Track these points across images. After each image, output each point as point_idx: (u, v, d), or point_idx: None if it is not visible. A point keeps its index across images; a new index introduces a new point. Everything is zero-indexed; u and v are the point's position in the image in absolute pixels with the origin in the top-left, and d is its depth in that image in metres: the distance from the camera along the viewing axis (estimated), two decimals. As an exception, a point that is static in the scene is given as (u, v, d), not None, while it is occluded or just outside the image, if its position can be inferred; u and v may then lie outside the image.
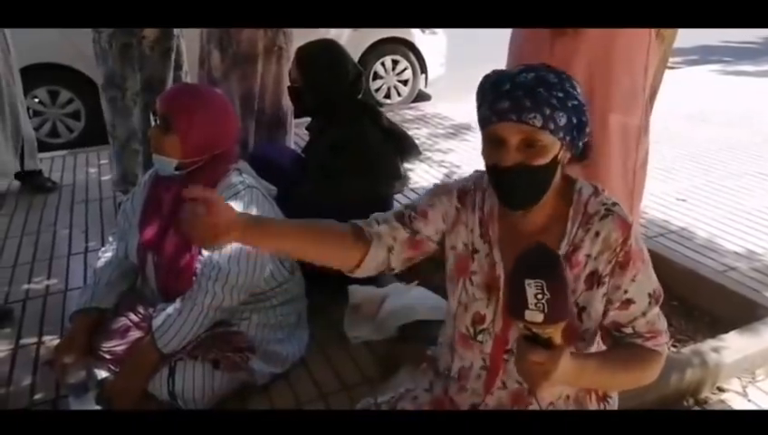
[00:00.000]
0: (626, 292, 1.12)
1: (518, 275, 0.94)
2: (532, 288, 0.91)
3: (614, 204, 1.13)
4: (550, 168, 1.07)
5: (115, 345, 1.78)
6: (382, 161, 2.29)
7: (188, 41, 3.04)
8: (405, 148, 2.38)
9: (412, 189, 3.66)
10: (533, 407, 1.19)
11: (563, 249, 1.13)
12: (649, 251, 2.65)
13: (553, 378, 0.96)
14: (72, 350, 1.75)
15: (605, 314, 1.14)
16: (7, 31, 3.32)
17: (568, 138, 1.07)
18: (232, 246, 1.71)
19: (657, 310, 1.15)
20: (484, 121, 1.08)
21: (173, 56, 2.86)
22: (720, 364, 1.95)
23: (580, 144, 1.11)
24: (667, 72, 6.46)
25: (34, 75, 4.45)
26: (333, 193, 2.21)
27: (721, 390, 1.98)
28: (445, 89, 6.40)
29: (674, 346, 2.16)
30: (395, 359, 1.90)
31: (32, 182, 3.68)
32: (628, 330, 1.15)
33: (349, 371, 2.02)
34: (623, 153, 1.81)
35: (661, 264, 2.53)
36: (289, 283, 1.98)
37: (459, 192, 1.25)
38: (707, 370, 1.93)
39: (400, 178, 2.42)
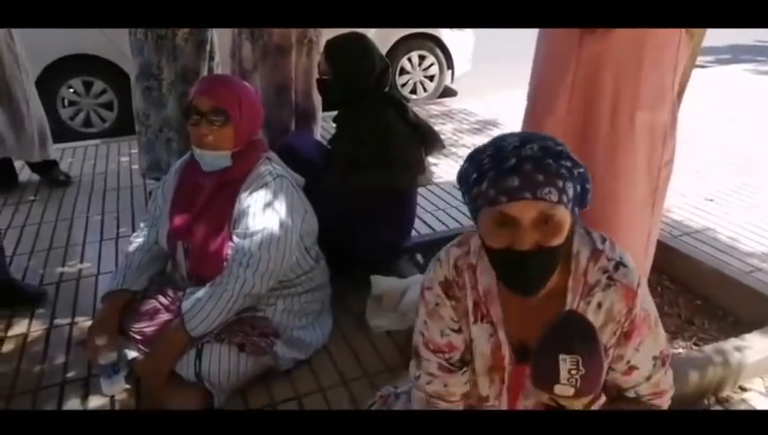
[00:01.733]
0: (629, 361, 1.08)
1: (551, 348, 0.90)
2: (566, 363, 0.88)
3: (617, 266, 1.04)
4: (563, 246, 0.98)
5: (144, 327, 1.84)
6: (407, 154, 2.31)
7: (220, 32, 3.09)
8: (430, 141, 2.40)
9: (437, 183, 3.68)
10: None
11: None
12: (675, 250, 2.66)
13: None
14: (103, 331, 1.80)
15: (605, 377, 1.10)
16: None
17: (575, 209, 0.99)
18: (262, 233, 1.75)
19: (663, 371, 1.11)
20: (488, 200, 0.95)
21: (207, 47, 2.91)
22: (742, 363, 1.94)
23: (578, 211, 1.02)
24: (699, 72, 6.31)
25: (70, 66, 4.58)
26: (358, 184, 2.24)
27: (743, 389, 1.97)
28: (471, 85, 6.39)
29: (696, 345, 2.15)
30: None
31: (46, 174, 3.66)
32: (631, 394, 1.12)
33: (370, 359, 2.05)
34: (649, 150, 1.80)
35: (686, 263, 2.53)
36: (314, 271, 2.02)
37: (443, 287, 1.14)
38: (729, 369, 1.92)
39: (424, 172, 2.44)
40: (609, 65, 1.74)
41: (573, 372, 0.88)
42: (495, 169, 0.93)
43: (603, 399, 1.16)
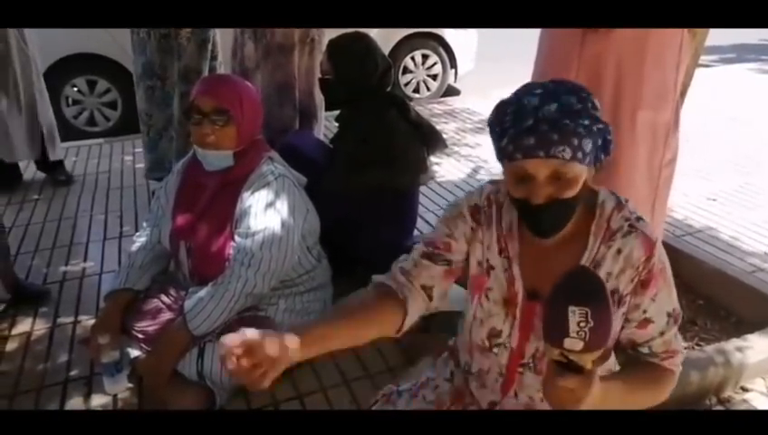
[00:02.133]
0: (645, 311, 1.10)
1: (561, 300, 0.91)
2: (575, 316, 0.89)
3: (638, 219, 1.10)
4: (579, 195, 1.05)
5: (147, 326, 1.84)
6: (409, 153, 2.31)
7: (222, 31, 3.09)
8: (432, 141, 2.40)
9: (439, 183, 3.68)
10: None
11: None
12: (677, 250, 2.65)
13: (582, 404, 0.94)
14: (105, 330, 1.81)
15: (621, 330, 1.12)
16: None
17: (595, 161, 1.05)
18: (264, 233, 1.76)
19: (675, 330, 1.13)
20: (506, 156, 1.03)
21: (210, 47, 2.92)
22: (744, 364, 1.94)
23: (604, 158, 1.08)
24: (704, 71, 6.28)
25: (74, 65, 4.59)
26: (360, 183, 2.24)
27: (744, 389, 1.97)
28: (474, 84, 6.39)
29: (698, 345, 2.15)
30: (417, 349, 1.93)
31: (50, 172, 3.71)
32: (644, 350, 1.13)
33: (372, 358, 2.06)
34: (650, 150, 1.80)
35: (688, 263, 2.53)
36: (316, 271, 2.02)
37: (471, 210, 1.21)
38: (731, 369, 1.92)
39: (426, 171, 2.45)
40: (610, 64, 1.74)
41: (582, 324, 0.89)
42: (515, 127, 1.00)
43: (612, 363, 1.17)
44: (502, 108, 1.05)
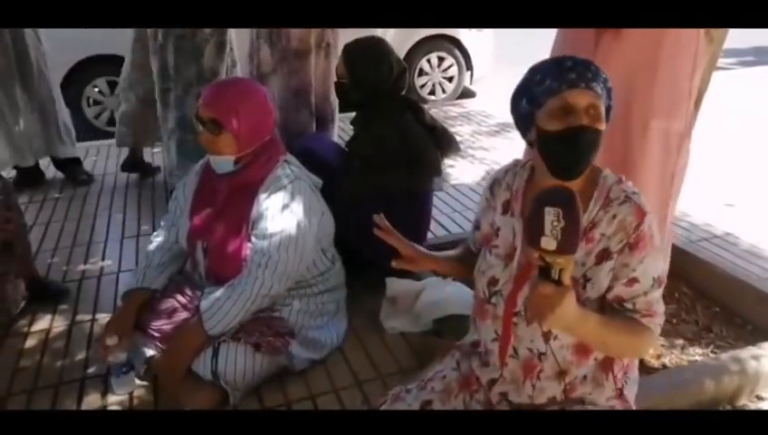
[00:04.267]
0: (633, 270, 1.22)
1: (538, 204, 1.04)
2: (550, 215, 1.01)
3: (634, 193, 1.25)
4: (602, 136, 1.20)
5: (163, 324, 1.87)
6: (423, 156, 2.33)
7: (238, 33, 3.13)
8: (445, 144, 2.41)
9: (454, 186, 3.68)
10: (546, 372, 1.28)
11: (583, 224, 1.18)
12: (692, 255, 2.62)
13: (557, 314, 1.05)
14: (117, 329, 1.85)
15: (610, 289, 1.23)
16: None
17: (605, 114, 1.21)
18: (281, 235, 1.78)
19: (658, 294, 1.25)
20: (551, 92, 1.19)
21: (227, 49, 2.95)
22: (759, 372, 1.92)
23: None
24: (722, 74, 6.18)
25: (95, 66, 4.67)
26: (374, 186, 2.26)
27: (759, 398, 1.95)
28: (490, 86, 6.37)
29: (713, 352, 2.13)
30: (429, 351, 1.94)
31: (68, 172, 3.76)
32: (629, 305, 1.24)
33: (384, 360, 2.07)
34: (663, 157, 1.79)
35: (704, 269, 2.51)
36: (330, 272, 2.04)
37: (491, 186, 1.42)
38: (746, 377, 1.91)
39: (440, 174, 2.45)
40: (621, 70, 1.73)
41: (555, 223, 1.01)
42: (557, 67, 1.20)
43: (594, 317, 1.22)
44: (538, 65, 1.25)
